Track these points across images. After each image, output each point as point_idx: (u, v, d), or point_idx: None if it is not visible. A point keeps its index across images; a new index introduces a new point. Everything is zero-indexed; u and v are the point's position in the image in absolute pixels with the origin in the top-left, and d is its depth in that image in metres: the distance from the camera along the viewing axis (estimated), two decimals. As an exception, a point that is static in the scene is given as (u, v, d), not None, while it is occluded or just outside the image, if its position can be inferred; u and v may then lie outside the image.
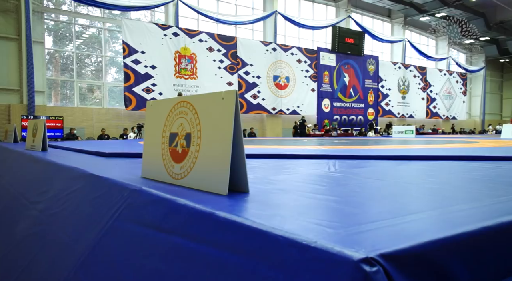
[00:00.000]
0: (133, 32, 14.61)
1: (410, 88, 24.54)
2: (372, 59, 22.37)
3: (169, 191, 1.62)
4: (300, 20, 19.28)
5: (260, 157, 3.77)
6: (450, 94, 27.09)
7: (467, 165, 2.92)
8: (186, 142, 1.84)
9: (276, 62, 18.52)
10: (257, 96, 17.97)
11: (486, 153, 3.73)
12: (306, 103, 19.68)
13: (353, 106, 21.68)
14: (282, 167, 2.90)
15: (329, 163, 3.09)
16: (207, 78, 16.53)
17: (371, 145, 6.42)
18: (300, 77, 19.45)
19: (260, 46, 18.03)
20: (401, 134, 13.68)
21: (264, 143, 8.17)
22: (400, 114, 24.07)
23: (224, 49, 16.91)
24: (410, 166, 2.82)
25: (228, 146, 1.57)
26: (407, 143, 7.61)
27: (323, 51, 20.20)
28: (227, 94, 1.64)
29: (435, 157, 3.38)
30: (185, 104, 1.89)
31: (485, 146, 5.27)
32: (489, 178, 2.05)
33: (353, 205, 1.29)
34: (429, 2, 22.15)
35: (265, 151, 4.35)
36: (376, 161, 3.36)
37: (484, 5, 23.94)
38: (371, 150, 4.50)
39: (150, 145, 2.14)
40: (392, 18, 24.45)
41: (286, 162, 3.35)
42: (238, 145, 1.62)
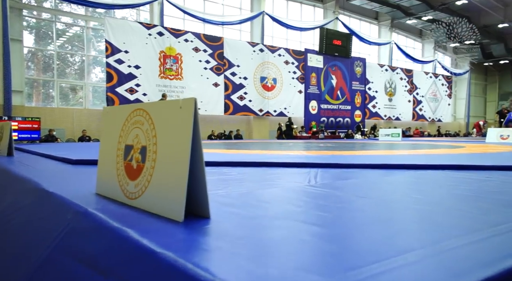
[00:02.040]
0: (117, 31, 14.24)
1: (397, 90, 24.66)
2: (360, 61, 22.38)
3: (118, 215, 1.39)
4: (288, 21, 19.14)
5: (240, 165, 3.56)
6: (436, 97, 27.34)
7: (455, 176, 2.75)
8: (141, 157, 1.61)
9: (263, 63, 18.33)
10: (244, 97, 17.75)
11: (473, 162, 3.58)
12: (293, 105, 19.54)
13: (340, 108, 21.64)
14: (260, 179, 2.69)
15: (311, 173, 2.89)
16: (192, 79, 16.24)
17: (357, 150, 6.27)
18: (288, 79, 19.31)
19: (247, 47, 17.82)
20: (388, 137, 13.64)
21: (248, 146, 7.95)
22: (387, 116, 24.15)
23: (211, 49, 16.64)
24: (395, 178, 2.63)
25: (185, 163, 1.35)
26: (394, 147, 7.49)
27: (311, 52, 20.10)
28: (185, 102, 1.42)
29: (422, 166, 3.22)
30: (141, 112, 1.66)
31: (472, 152, 5.15)
32: (480, 195, 1.87)
33: (333, 238, 1.08)
34: (415, 5, 22.29)
35: (246, 158, 4.14)
36: (360, 170, 3.17)
37: (469, 9, 24.23)
38: (356, 157, 4.32)
39: (105, 157, 1.90)
40: (379, 20, 24.55)
41: (266, 171, 3.14)
42: (197, 162, 1.40)
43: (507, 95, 31.76)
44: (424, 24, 25.35)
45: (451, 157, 4.34)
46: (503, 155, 4.63)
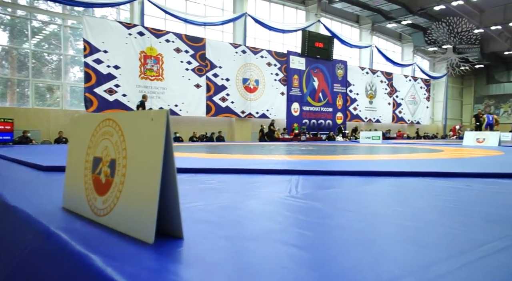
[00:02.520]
0: (95, 30, 13.88)
1: (377, 93, 25.02)
2: (341, 64, 22.60)
3: (83, 236, 1.28)
4: (270, 23, 19.14)
5: (221, 172, 3.47)
6: (415, 100, 27.90)
7: (434, 184, 2.74)
8: (110, 170, 1.50)
9: (246, 65, 18.26)
10: (226, 99, 17.62)
11: (451, 169, 3.60)
12: (276, 107, 19.54)
13: (322, 110, 21.78)
14: (240, 188, 2.61)
15: (292, 181, 2.83)
16: (174, 80, 16.00)
17: (338, 154, 6.26)
18: (270, 81, 19.29)
19: (229, 48, 17.70)
20: (369, 139, 13.78)
21: (230, 150, 7.85)
22: (368, 118, 24.47)
23: (192, 50, 16.45)
24: (376, 187, 2.60)
25: (156, 179, 1.25)
26: (374, 151, 7.54)
27: (293, 54, 20.16)
28: (157, 114, 1.33)
29: (401, 173, 3.20)
30: (110, 122, 1.55)
31: (450, 157, 5.21)
32: (461, 207, 1.84)
33: (315, 264, 1.01)
34: (395, 10, 22.68)
35: (227, 164, 4.05)
36: (341, 177, 3.13)
37: (447, 14, 24.81)
38: (337, 162, 4.30)
39: (73, 169, 1.78)
40: (360, 24, 24.86)
41: (247, 179, 3.06)
42: (170, 178, 1.31)
43: (482, 99, 32.75)
44: (404, 28, 25.84)
45: (430, 162, 4.37)
46: (479, 161, 4.70)
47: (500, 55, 29.58)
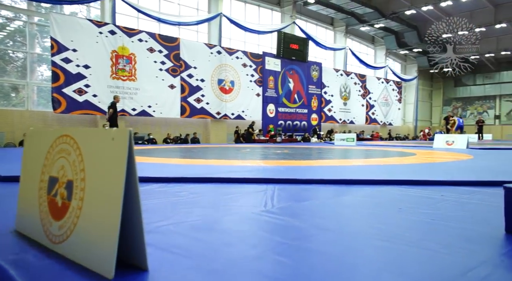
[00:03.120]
0: (63, 27, 13.32)
1: (351, 94, 25.43)
2: (316, 66, 22.80)
3: (35, 270, 1.14)
4: (246, 24, 19.04)
5: (194, 181, 3.34)
6: (387, 101, 28.55)
7: (410, 194, 2.72)
8: (67, 193, 1.36)
9: (221, 66, 18.08)
10: (201, 100, 17.38)
11: (425, 176, 3.62)
12: (251, 108, 19.46)
13: (297, 111, 21.90)
14: (214, 201, 2.49)
15: (267, 192, 2.74)
16: (147, 80, 15.61)
17: (313, 158, 6.24)
18: (245, 82, 19.19)
19: (204, 48, 17.47)
20: (343, 141, 13.93)
21: (204, 154, 7.69)
22: (342, 120, 24.82)
23: (166, 50, 16.11)
24: (352, 199, 2.55)
25: (117, 204, 1.13)
26: (349, 155, 7.59)
27: (268, 56, 20.15)
28: (118, 134, 1.20)
29: (377, 182, 3.19)
30: (68, 139, 1.41)
31: (423, 162, 5.29)
32: (440, 222, 1.80)
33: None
34: (368, 13, 23.10)
35: (201, 172, 3.92)
36: (317, 187, 3.08)
37: (417, 19, 25.57)
38: (313, 169, 4.25)
39: (27, 188, 1.62)
40: (334, 26, 25.18)
41: (221, 189, 2.95)
42: (133, 203, 1.19)
43: (450, 101, 33.95)
44: (377, 31, 26.37)
45: (404, 169, 4.40)
46: (450, 167, 4.78)
47: (467, 59, 30.72)
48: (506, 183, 3.14)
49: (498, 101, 31.31)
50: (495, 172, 4.04)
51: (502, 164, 5.12)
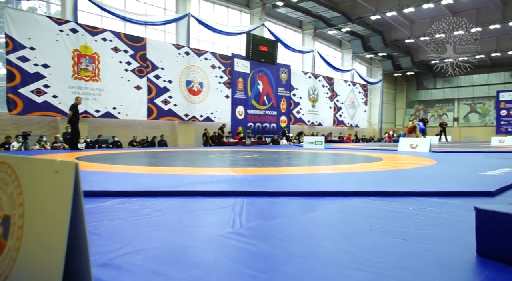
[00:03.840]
0: (20, 24, 12.57)
1: (319, 97, 25.81)
2: (285, 68, 22.94)
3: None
4: (214, 25, 18.81)
5: (158, 195, 3.16)
6: (354, 104, 29.23)
7: (380, 207, 2.70)
8: (3, 230, 1.19)
9: (189, 67, 17.76)
10: (169, 102, 16.99)
11: (394, 185, 3.64)
12: (220, 110, 19.27)
13: (267, 113, 21.94)
14: (177, 221, 2.32)
15: (235, 208, 2.63)
16: (112, 81, 15.05)
17: (282, 165, 6.18)
18: (214, 83, 18.97)
19: (172, 49, 17.09)
20: (312, 144, 14.05)
21: (171, 160, 7.45)
22: (310, 122, 25.13)
23: (132, 50, 15.60)
24: (324, 215, 2.48)
25: (60, 247, 0.98)
26: (317, 160, 7.62)
27: (238, 57, 20.04)
28: (63, 166, 1.04)
29: (347, 193, 3.16)
30: (5, 167, 1.23)
31: (389, 169, 5.37)
32: (412, 242, 1.77)
33: None
34: (335, 17, 23.53)
35: (166, 183, 3.74)
36: (287, 200, 3.00)
37: (382, 24, 26.36)
38: (282, 179, 4.17)
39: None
40: (303, 29, 25.46)
41: (186, 205, 2.80)
42: (79, 244, 1.04)
43: (413, 103, 35.29)
44: (344, 35, 26.92)
45: (372, 177, 4.42)
46: (416, 174, 4.86)
47: (428, 63, 32.06)
48: (469, 193, 3.21)
49: (457, 104, 32.89)
50: (458, 180, 4.14)
51: (463, 170, 5.28)
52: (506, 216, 1.52)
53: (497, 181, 3.82)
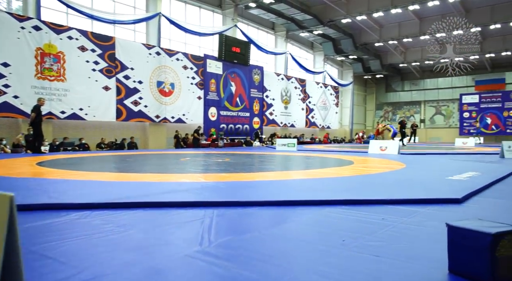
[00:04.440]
0: (-23, 20, 11.85)
1: (292, 98, 25.99)
2: (258, 69, 22.93)
3: None
4: (186, 25, 18.52)
5: (124, 207, 3.00)
6: (325, 105, 29.66)
7: (352, 217, 2.67)
8: None
9: (160, 67, 17.38)
10: (139, 103, 16.55)
11: (365, 193, 3.64)
12: (192, 111, 18.99)
13: (240, 115, 21.84)
14: (143, 238, 2.18)
15: (205, 221, 2.52)
16: (78, 81, 14.48)
17: (255, 170, 6.11)
18: (186, 84, 18.67)
19: (142, 49, 16.66)
20: (284, 146, 14.08)
21: (140, 165, 7.20)
22: (283, 123, 25.25)
23: (100, 49, 15.07)
24: (295, 228, 2.42)
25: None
26: (290, 164, 7.59)
27: (210, 58, 19.82)
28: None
29: (318, 202, 3.12)
30: None
31: (360, 174, 5.41)
32: (386, 263, 1.73)
33: None
34: (307, 20, 23.77)
35: (133, 193, 3.57)
36: (259, 210, 2.93)
37: (352, 27, 26.90)
38: (254, 186, 4.09)
39: None
40: (275, 31, 25.56)
41: (153, 219, 2.66)
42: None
43: (382, 105, 36.24)
44: (315, 38, 27.25)
45: (344, 183, 4.42)
46: (386, 179, 4.92)
47: (396, 66, 33.05)
48: (438, 200, 3.25)
49: (423, 106, 34.07)
50: (426, 185, 4.21)
51: (430, 175, 5.40)
52: (476, 233, 1.51)
53: (463, 186, 3.91)
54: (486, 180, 4.42)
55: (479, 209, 3.02)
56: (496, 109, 29.64)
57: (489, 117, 29.89)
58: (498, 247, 1.45)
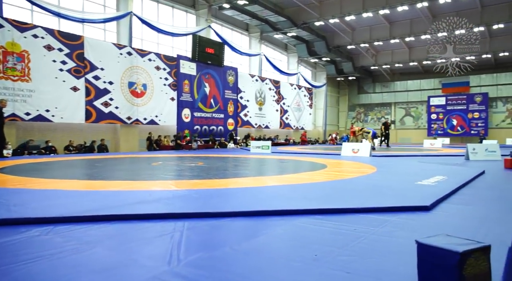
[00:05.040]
0: None
1: (266, 100, 26.05)
2: (232, 71, 22.83)
3: None
4: (159, 25, 18.16)
5: (89, 221, 2.87)
6: (299, 107, 29.93)
7: (325, 228, 2.67)
8: None
9: (132, 68, 16.96)
10: (109, 104, 16.08)
11: (338, 202, 3.65)
12: (165, 113, 18.65)
13: (214, 116, 21.66)
14: (107, 257, 2.07)
15: (174, 236, 2.44)
16: (44, 81, 13.89)
17: (228, 176, 6.04)
18: (159, 85, 18.32)
19: (113, 48, 16.19)
20: (259, 149, 14.07)
21: (110, 170, 6.96)
22: (257, 124, 25.27)
23: (68, 49, 14.51)
24: (268, 242, 2.38)
25: None
26: (263, 168, 7.57)
27: (183, 59, 19.54)
28: None
29: (291, 212, 3.10)
30: None
31: (333, 179, 5.45)
32: (360, 278, 1.73)
33: None
34: (281, 22, 23.87)
35: (100, 203, 3.42)
36: (231, 221, 2.87)
37: (325, 30, 27.26)
38: (227, 194, 4.02)
39: None
40: (250, 32, 25.54)
41: (120, 234, 2.55)
42: None
43: (354, 107, 36.99)
44: (289, 39, 27.44)
45: (317, 190, 4.42)
46: (358, 185, 4.98)
47: (367, 69, 33.81)
48: (407, 208, 3.31)
49: (394, 108, 35.02)
50: (396, 192, 4.28)
51: (400, 180, 5.51)
52: (444, 251, 1.52)
53: (431, 192, 4.01)
54: (453, 185, 4.56)
55: (447, 216, 3.09)
56: (461, 111, 30.90)
57: (455, 118, 31.12)
58: (465, 266, 1.47)
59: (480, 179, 5.56)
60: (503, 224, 2.79)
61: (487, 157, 10.05)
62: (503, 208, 3.46)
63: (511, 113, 29.68)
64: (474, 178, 5.51)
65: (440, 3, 20.89)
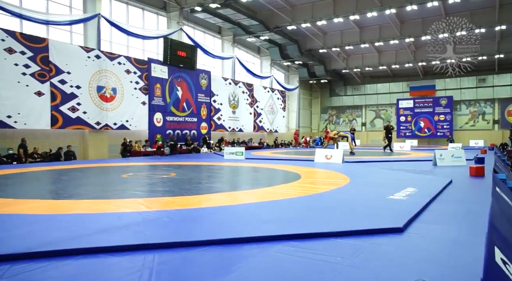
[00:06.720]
0: None
1: (240, 103, 25.96)
2: (205, 74, 22.58)
3: None
4: (128, 27, 17.66)
5: (42, 257, 2.67)
6: (273, 110, 30.04)
7: (299, 259, 2.61)
8: None
9: (101, 71, 16.42)
10: (77, 109, 15.48)
11: (313, 226, 3.61)
12: (136, 117, 18.19)
13: (187, 120, 21.34)
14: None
15: (143, 274, 2.31)
16: (6, 86, 13.19)
17: (201, 190, 5.90)
18: (129, 89, 17.84)
19: (80, 52, 15.60)
20: (232, 155, 13.95)
21: (74, 184, 6.62)
22: (231, 128, 25.13)
23: (31, 52, 13.85)
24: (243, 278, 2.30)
25: None
26: (237, 180, 7.47)
27: (155, 62, 19.13)
28: None
29: (267, 238, 3.04)
30: None
31: (307, 194, 5.44)
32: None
33: None
34: (254, 25, 23.87)
35: (57, 235, 3.18)
36: (204, 252, 2.76)
37: (298, 34, 27.51)
38: (200, 215, 3.90)
39: None
40: (222, 35, 25.37)
41: (80, 271, 2.39)
42: None
43: (327, 109, 37.56)
44: (262, 43, 27.48)
45: (291, 209, 4.37)
46: (332, 200, 4.98)
47: (339, 72, 34.42)
48: (381, 230, 3.32)
49: (364, 110, 35.82)
50: (370, 208, 4.31)
51: (372, 194, 5.56)
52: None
53: (403, 209, 4.07)
54: (423, 199, 4.65)
55: (420, 239, 3.12)
56: (428, 114, 32.01)
57: (422, 121, 32.20)
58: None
59: (448, 191, 5.72)
60: (473, 247, 2.84)
61: (453, 162, 10.42)
62: (472, 227, 3.54)
63: (474, 116, 31.04)
64: (443, 190, 5.66)
65: (407, 10, 21.51)
